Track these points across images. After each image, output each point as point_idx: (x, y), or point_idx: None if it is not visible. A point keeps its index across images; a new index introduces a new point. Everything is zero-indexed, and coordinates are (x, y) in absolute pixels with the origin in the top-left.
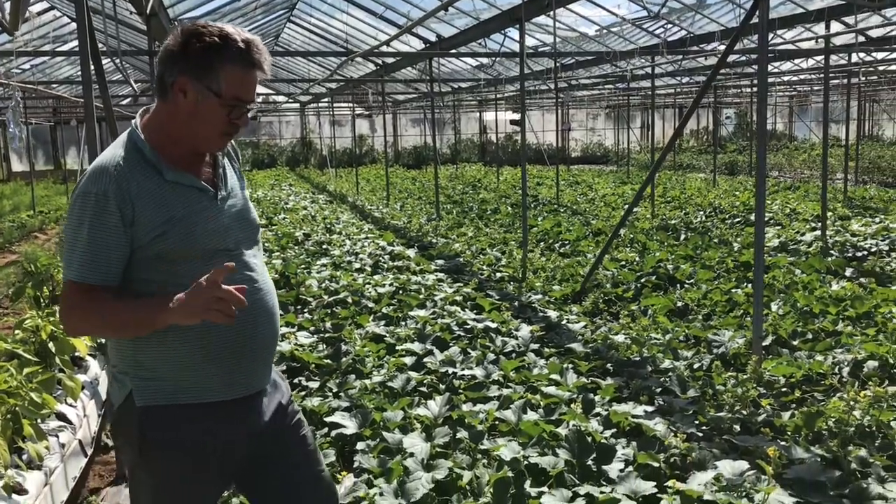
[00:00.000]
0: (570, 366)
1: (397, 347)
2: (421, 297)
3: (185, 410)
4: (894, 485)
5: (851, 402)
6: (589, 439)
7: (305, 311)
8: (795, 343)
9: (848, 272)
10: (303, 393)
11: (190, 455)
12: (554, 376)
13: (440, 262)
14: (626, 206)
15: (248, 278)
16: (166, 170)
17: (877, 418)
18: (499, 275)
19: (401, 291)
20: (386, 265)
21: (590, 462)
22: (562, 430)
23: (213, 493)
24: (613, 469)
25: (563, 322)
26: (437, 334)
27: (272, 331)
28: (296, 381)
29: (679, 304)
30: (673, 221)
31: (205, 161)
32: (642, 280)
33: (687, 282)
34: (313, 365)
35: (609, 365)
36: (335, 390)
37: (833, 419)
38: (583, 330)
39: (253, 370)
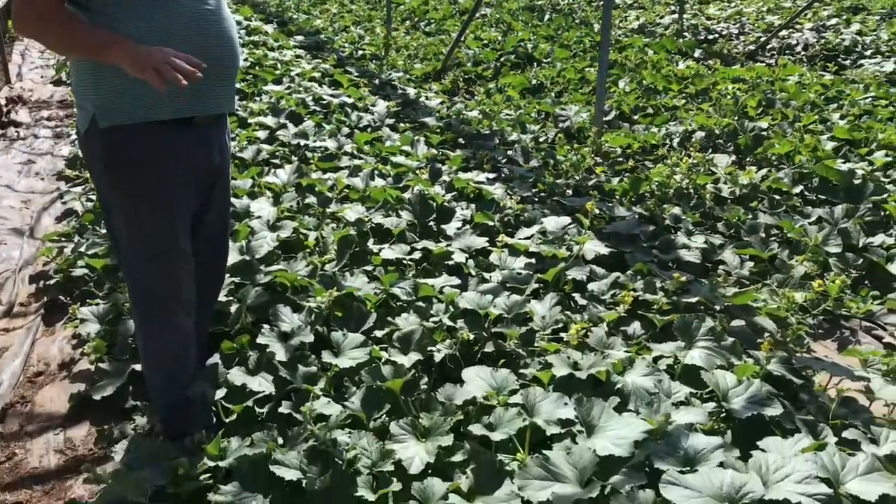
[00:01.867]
0: (422, 138)
1: (250, 121)
2: (277, 72)
3: (147, 129)
4: (699, 237)
5: (673, 168)
6: (431, 203)
7: None
8: (636, 118)
9: (697, 53)
10: None
11: (153, 173)
12: (405, 148)
13: (300, 38)
14: None
15: (205, 10)
16: None
17: (694, 181)
18: (360, 52)
19: (256, 67)
20: (241, 41)
21: (431, 223)
22: (407, 196)
23: (180, 216)
24: (451, 228)
25: (421, 99)
26: (291, 109)
27: (231, 53)
28: None
29: (534, 82)
30: (540, 2)
31: None
32: (502, 59)
33: (545, 61)
34: None
35: (461, 139)
36: None
37: (656, 182)
38: (439, 106)
39: (212, 88)
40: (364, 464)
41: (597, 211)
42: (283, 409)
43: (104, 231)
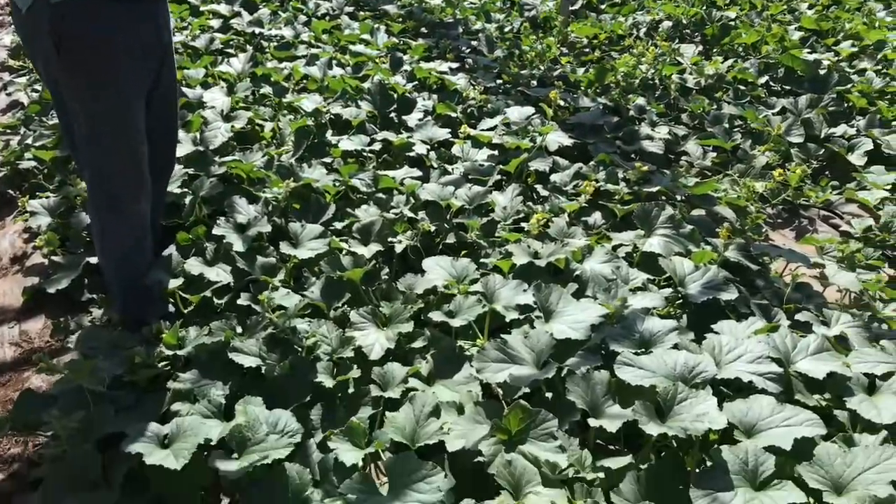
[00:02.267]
0: (383, 27)
1: (202, 9)
2: None
3: (94, 4)
4: (663, 127)
5: (640, 58)
6: (392, 93)
7: None
8: (604, 7)
9: None
10: None
11: (104, 48)
12: (365, 37)
13: None
14: None
15: None
16: None
17: (660, 72)
18: None
19: None
20: None
21: (391, 113)
22: (367, 86)
23: (133, 93)
24: (413, 118)
25: None
26: None
27: None
28: None
29: None
30: None
31: None
32: None
33: None
34: None
35: (423, 27)
36: None
37: (622, 73)
38: None
39: None
40: (324, 350)
41: (560, 102)
42: (242, 300)
43: (52, 123)
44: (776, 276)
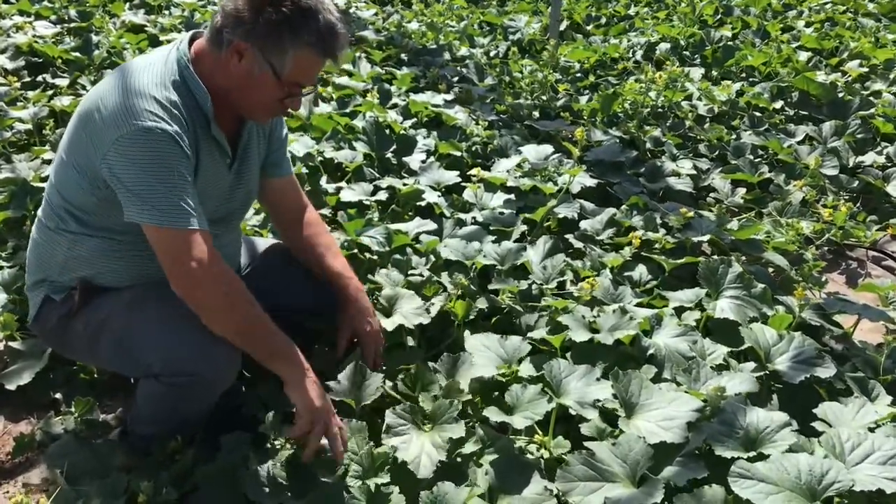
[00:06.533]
0: (363, 55)
1: (161, 39)
2: None
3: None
4: (686, 161)
5: (648, 84)
6: (388, 131)
7: None
8: (590, 28)
9: None
10: (50, 92)
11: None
12: (346, 66)
13: None
14: None
15: (223, 255)
16: (213, 123)
17: (669, 99)
18: None
19: None
20: None
21: (390, 154)
22: (358, 123)
23: None
24: (415, 160)
25: (352, 10)
26: (207, 23)
27: None
28: (39, 78)
29: None
30: None
31: (235, 116)
32: None
33: None
34: (60, 60)
35: (403, 54)
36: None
37: (629, 101)
38: (374, 18)
39: None
40: (355, 473)
41: (577, 137)
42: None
43: (2, 177)
44: (850, 333)
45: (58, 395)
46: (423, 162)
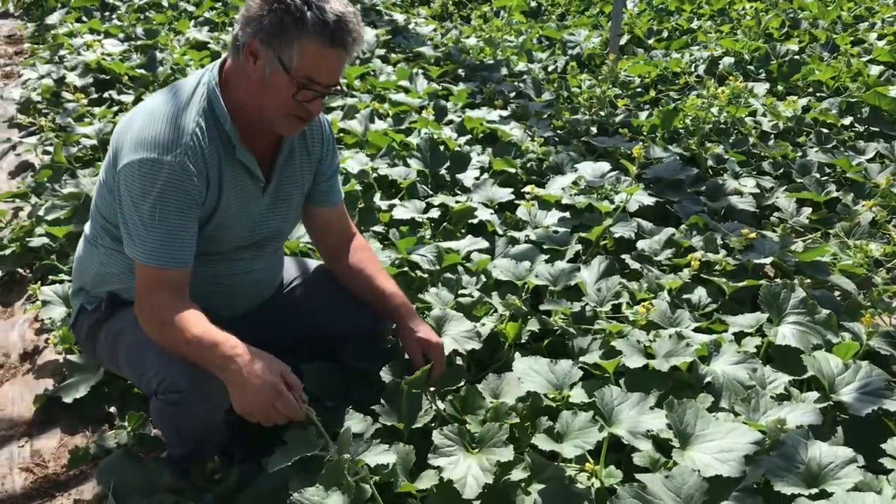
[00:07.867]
0: (420, 71)
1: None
2: None
3: None
4: (749, 180)
5: (711, 99)
6: (442, 148)
7: (114, 16)
8: (651, 42)
9: None
10: (116, 108)
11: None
12: (403, 83)
13: None
14: None
15: (253, 279)
16: (239, 146)
17: (732, 115)
18: None
19: None
20: None
21: (443, 171)
22: (413, 140)
23: None
24: (468, 177)
25: (411, 26)
26: None
27: (257, 302)
28: (106, 95)
29: (532, 4)
30: None
31: (269, 138)
32: None
33: None
34: (126, 76)
35: (461, 70)
36: None
37: (690, 117)
38: (432, 33)
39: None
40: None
41: (639, 155)
42: None
43: (66, 192)
44: None
45: (112, 409)
46: (477, 179)
